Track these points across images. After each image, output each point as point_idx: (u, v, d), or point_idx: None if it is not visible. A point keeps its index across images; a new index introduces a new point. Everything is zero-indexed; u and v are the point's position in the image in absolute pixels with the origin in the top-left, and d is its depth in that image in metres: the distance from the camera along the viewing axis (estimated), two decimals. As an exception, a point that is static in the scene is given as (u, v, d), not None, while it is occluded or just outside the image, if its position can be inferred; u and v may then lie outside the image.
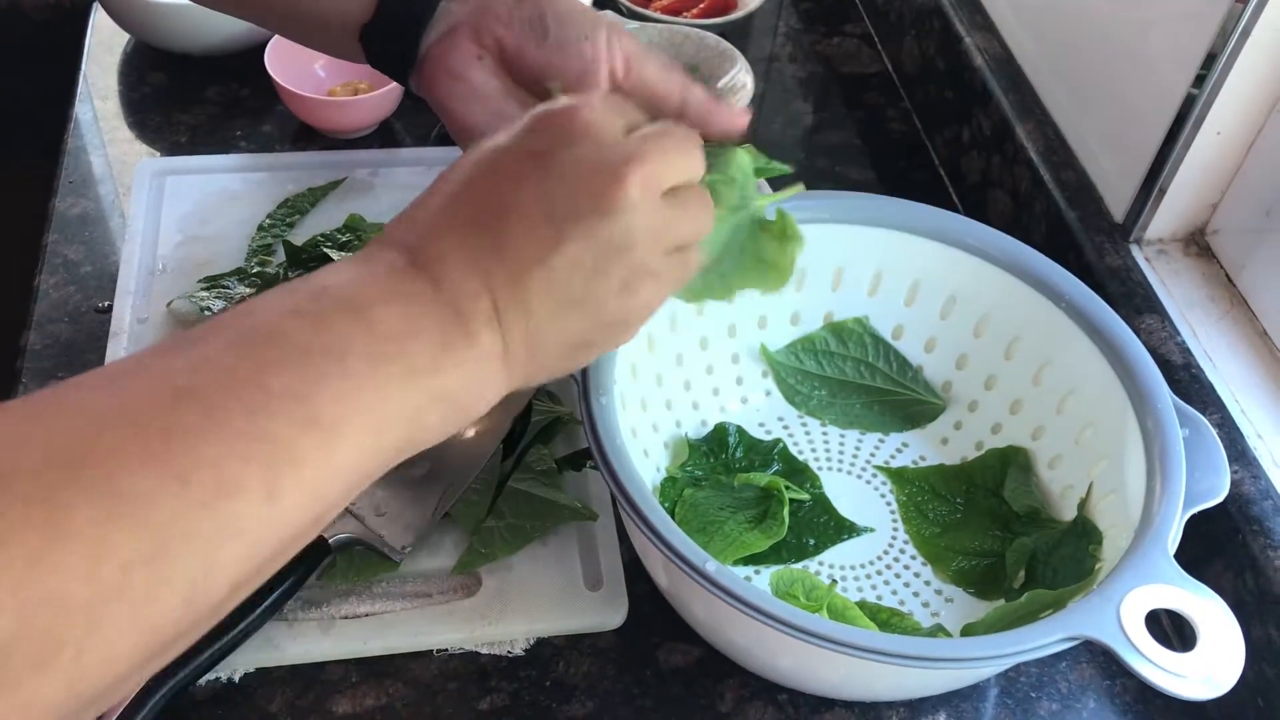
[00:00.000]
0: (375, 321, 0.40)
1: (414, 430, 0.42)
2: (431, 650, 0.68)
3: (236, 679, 0.66)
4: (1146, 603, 0.56)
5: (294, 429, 0.37)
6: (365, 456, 0.40)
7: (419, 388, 0.41)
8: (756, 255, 0.59)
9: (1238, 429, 0.72)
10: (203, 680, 0.65)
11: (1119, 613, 0.55)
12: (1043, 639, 0.55)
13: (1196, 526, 0.61)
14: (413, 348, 0.41)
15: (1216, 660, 0.54)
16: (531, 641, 0.69)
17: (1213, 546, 0.69)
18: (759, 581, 0.71)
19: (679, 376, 0.76)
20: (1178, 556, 0.58)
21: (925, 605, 0.71)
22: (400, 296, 0.42)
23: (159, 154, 0.96)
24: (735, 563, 0.71)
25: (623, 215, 0.46)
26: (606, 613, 0.70)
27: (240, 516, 0.36)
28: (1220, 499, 0.62)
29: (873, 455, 0.78)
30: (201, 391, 0.37)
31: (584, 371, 0.64)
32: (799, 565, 0.72)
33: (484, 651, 0.68)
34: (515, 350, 0.45)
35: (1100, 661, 0.71)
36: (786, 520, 0.71)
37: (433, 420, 0.42)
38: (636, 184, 0.46)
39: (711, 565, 0.56)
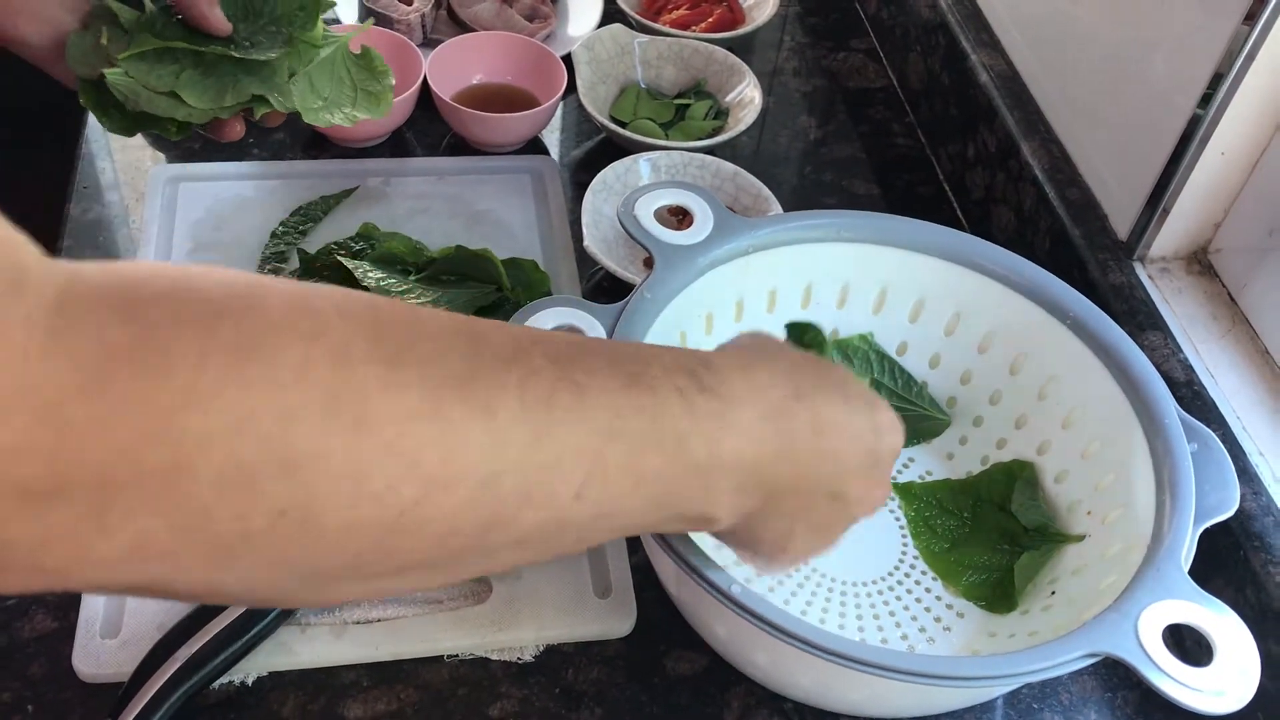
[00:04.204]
0: (692, 449, 0.46)
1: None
2: (442, 656, 0.69)
3: (249, 682, 0.66)
4: (1163, 618, 0.57)
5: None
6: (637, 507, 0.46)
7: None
8: (356, 86, 0.79)
9: (1239, 446, 0.73)
10: (216, 683, 0.65)
11: (1137, 629, 0.56)
12: (1065, 655, 0.56)
13: (1198, 542, 0.62)
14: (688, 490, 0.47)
15: (1234, 674, 0.55)
16: (541, 648, 0.69)
17: (1214, 562, 0.70)
18: (778, 594, 0.71)
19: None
20: (1180, 572, 0.59)
21: (938, 620, 0.71)
22: (711, 434, 0.47)
23: (169, 161, 0.97)
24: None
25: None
26: (615, 620, 0.70)
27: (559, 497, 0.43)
28: (1231, 513, 0.63)
29: (879, 469, 0.79)
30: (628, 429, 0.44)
31: None
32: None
33: (494, 658, 0.69)
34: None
35: (1101, 674, 0.72)
36: None
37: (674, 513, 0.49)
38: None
39: (736, 588, 0.56)
